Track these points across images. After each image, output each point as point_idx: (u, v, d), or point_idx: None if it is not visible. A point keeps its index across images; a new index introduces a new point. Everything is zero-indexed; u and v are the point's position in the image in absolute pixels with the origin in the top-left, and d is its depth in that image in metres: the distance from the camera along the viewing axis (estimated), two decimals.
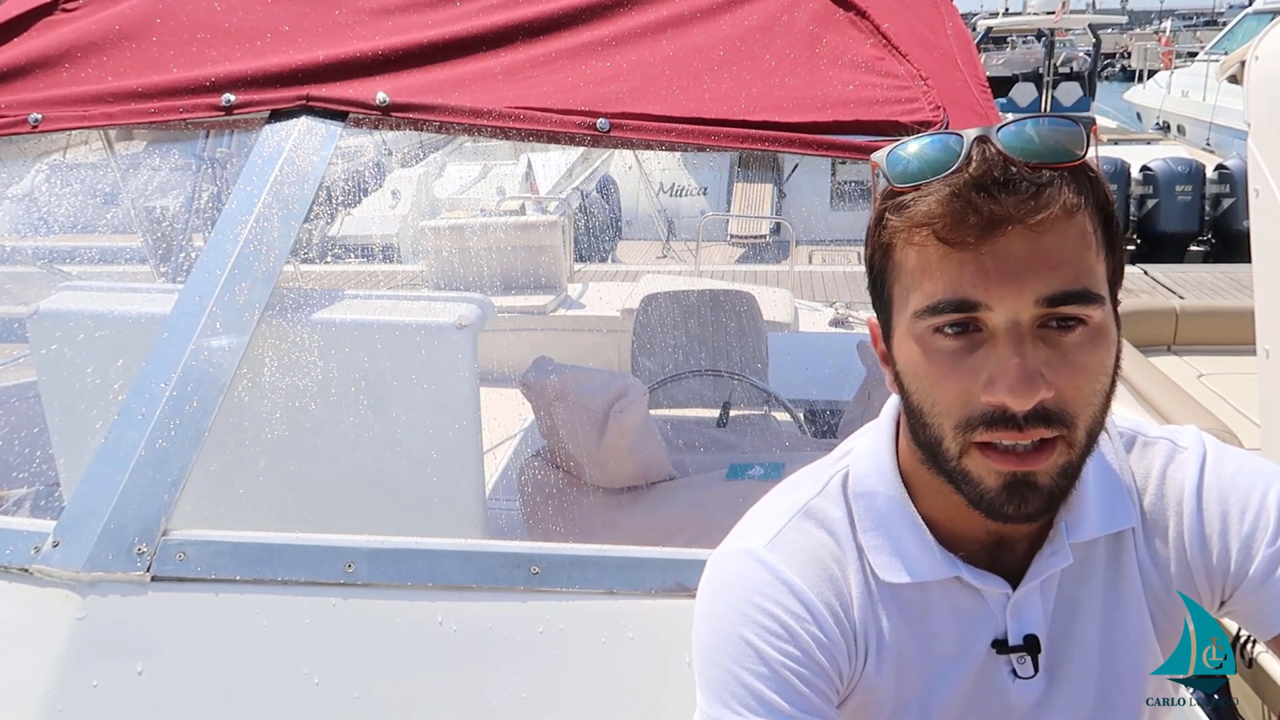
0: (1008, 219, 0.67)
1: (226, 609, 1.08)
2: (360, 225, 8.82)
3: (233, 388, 1.20)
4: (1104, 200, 0.72)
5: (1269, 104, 1.64)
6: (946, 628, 0.82)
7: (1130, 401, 2.75)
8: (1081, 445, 0.73)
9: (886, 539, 0.82)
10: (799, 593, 0.80)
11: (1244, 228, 9.59)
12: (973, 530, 0.81)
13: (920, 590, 0.82)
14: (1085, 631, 0.83)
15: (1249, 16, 16.60)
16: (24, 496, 2.05)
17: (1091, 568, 0.83)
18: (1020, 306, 0.68)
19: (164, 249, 2.98)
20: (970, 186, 0.68)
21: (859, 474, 0.85)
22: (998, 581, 0.81)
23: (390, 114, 1.36)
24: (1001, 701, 0.83)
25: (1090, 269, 0.70)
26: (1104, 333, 0.71)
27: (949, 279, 0.69)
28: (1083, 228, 0.70)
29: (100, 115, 1.41)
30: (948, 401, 0.72)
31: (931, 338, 0.72)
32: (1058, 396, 0.69)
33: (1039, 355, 0.69)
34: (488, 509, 1.59)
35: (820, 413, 2.97)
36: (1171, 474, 0.84)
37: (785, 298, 4.49)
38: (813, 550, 0.83)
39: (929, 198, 0.70)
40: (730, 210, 11.29)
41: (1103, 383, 0.72)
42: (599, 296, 4.98)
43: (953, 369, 0.71)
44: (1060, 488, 0.73)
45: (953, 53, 1.40)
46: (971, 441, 0.72)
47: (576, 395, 1.78)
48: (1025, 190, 0.67)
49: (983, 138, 0.69)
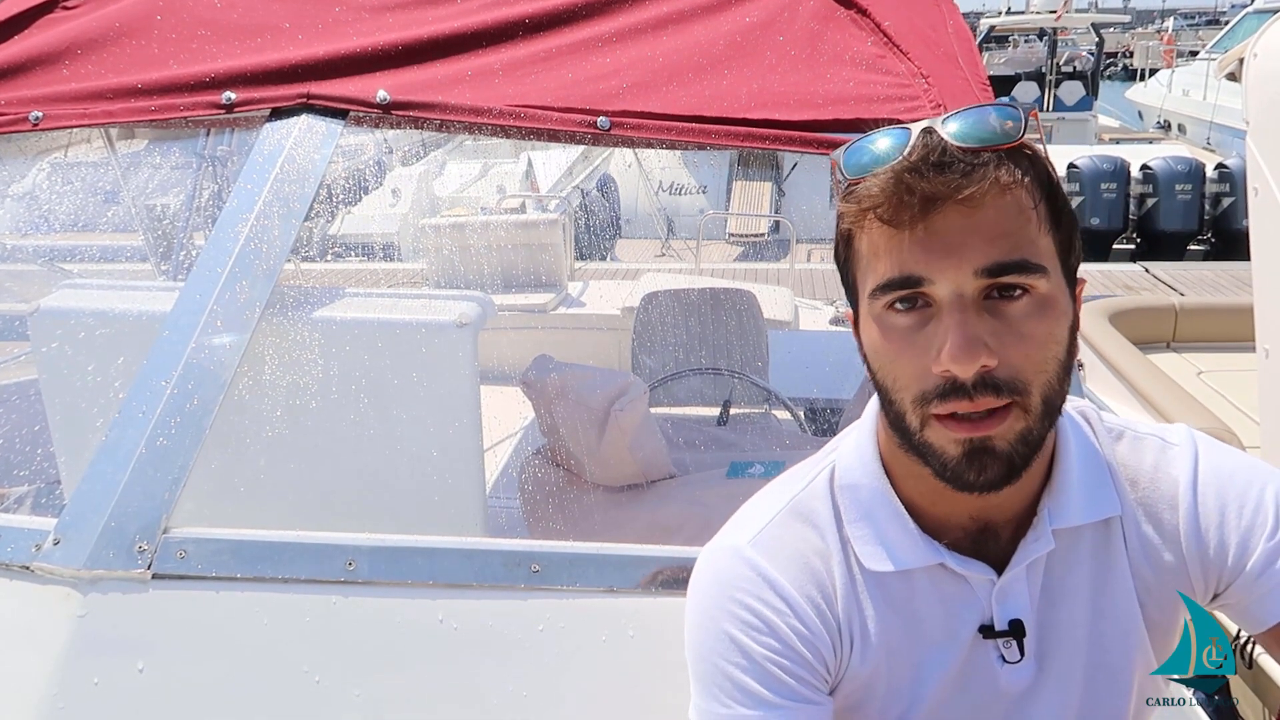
0: (941, 196, 0.72)
1: (227, 607, 1.08)
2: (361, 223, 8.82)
3: (233, 386, 1.20)
4: (1045, 178, 0.76)
5: (1267, 101, 1.64)
6: (932, 614, 0.84)
7: (1129, 399, 2.75)
8: (1038, 412, 0.75)
9: (871, 529, 0.84)
10: (779, 587, 0.83)
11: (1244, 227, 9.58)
12: (956, 516, 0.83)
13: (905, 578, 0.84)
14: (1073, 618, 0.84)
15: (1250, 15, 16.58)
16: (25, 494, 2.05)
17: (1078, 556, 0.84)
18: (961, 278, 0.72)
19: (165, 247, 2.98)
20: (907, 170, 0.72)
21: (844, 468, 0.88)
22: (982, 568, 0.83)
23: (390, 112, 1.36)
24: (991, 687, 0.84)
25: (1030, 241, 0.74)
26: (1051, 302, 0.74)
27: (895, 258, 0.74)
28: (1020, 203, 0.73)
29: (101, 113, 1.41)
30: (906, 376, 0.76)
31: (886, 315, 0.76)
32: (1005, 364, 0.73)
33: (984, 325, 0.72)
34: (488, 507, 1.59)
35: (820, 411, 2.97)
36: (1164, 468, 0.85)
37: (785, 296, 4.49)
38: (796, 545, 0.85)
39: (873, 184, 0.74)
40: (730, 208, 11.29)
41: (1054, 351, 0.75)
42: (599, 295, 4.98)
43: (908, 345, 0.75)
44: (1020, 454, 0.76)
45: (953, 51, 1.40)
46: (930, 414, 0.75)
47: (577, 393, 1.78)
48: (959, 170, 0.72)
49: (928, 129, 0.74)
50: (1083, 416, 0.89)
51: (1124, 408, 2.69)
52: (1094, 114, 16.79)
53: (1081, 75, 17.14)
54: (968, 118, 0.74)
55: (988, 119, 0.74)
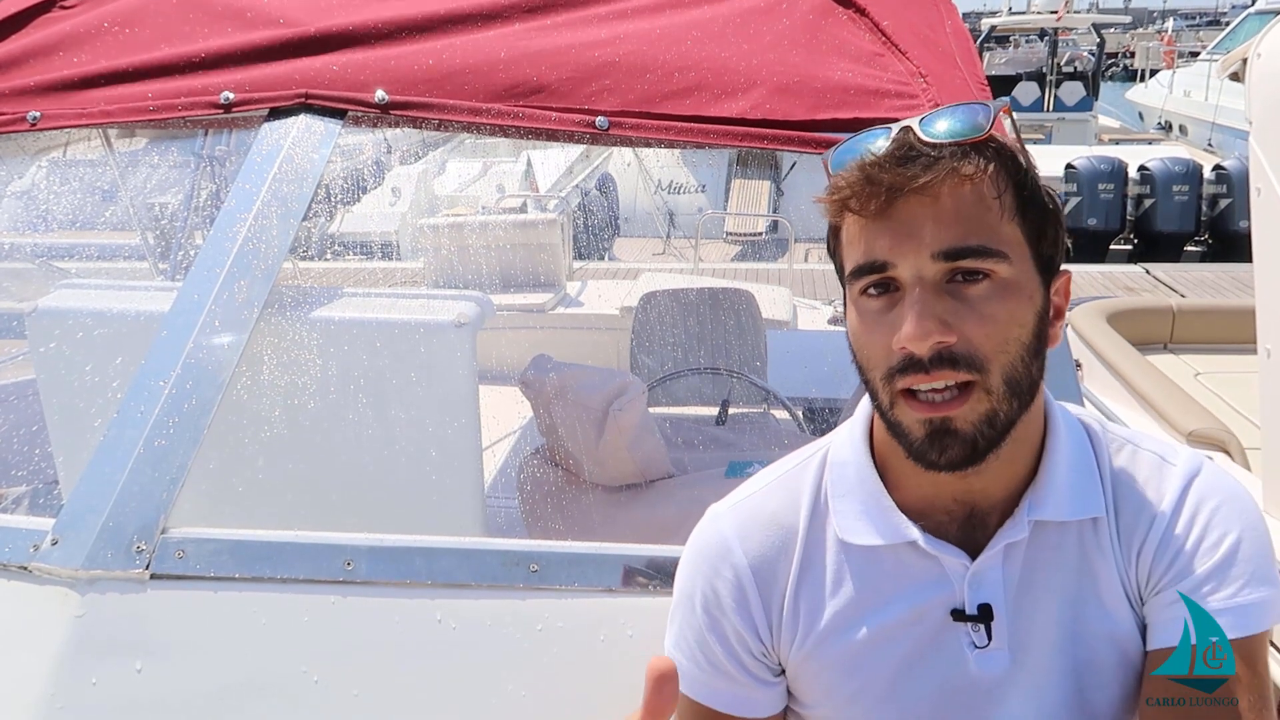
0: (901, 186, 0.77)
1: (225, 607, 1.08)
2: (360, 222, 8.82)
3: (231, 385, 1.20)
4: (1013, 169, 0.80)
5: (1271, 101, 1.63)
6: (900, 591, 0.87)
7: (1126, 399, 2.74)
8: (1000, 392, 0.78)
9: (852, 504, 0.89)
10: (732, 555, 0.90)
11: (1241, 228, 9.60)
12: (940, 498, 0.85)
13: (877, 553, 0.87)
14: (1052, 613, 0.85)
15: (1251, 16, 16.61)
16: (23, 494, 2.05)
17: (1062, 554, 0.85)
18: (920, 262, 0.77)
19: (163, 247, 2.98)
20: (874, 165, 0.78)
21: (837, 447, 0.93)
22: (955, 552, 0.85)
23: (389, 112, 1.36)
24: (962, 672, 0.86)
25: (990, 228, 0.78)
26: (1013, 286, 0.78)
27: (865, 245, 0.80)
28: (980, 192, 0.78)
29: (99, 113, 1.41)
30: (876, 355, 0.81)
31: (861, 300, 0.82)
32: (963, 341, 0.77)
33: (943, 305, 0.77)
34: (487, 507, 1.59)
35: (819, 411, 2.97)
36: (1154, 483, 0.87)
37: (784, 296, 4.50)
38: (770, 515, 0.92)
39: (845, 178, 0.80)
40: (728, 207, 11.30)
41: (1015, 333, 0.79)
42: (598, 294, 4.98)
43: (877, 325, 0.80)
44: (985, 436, 0.79)
45: (952, 51, 1.40)
46: (896, 390, 0.80)
47: (575, 393, 1.78)
48: (921, 163, 0.77)
49: (906, 127, 0.79)
50: (1084, 424, 0.90)
51: (1122, 408, 2.69)
52: (1094, 114, 16.81)
53: (1082, 75, 17.16)
54: (940, 115, 0.80)
55: (958, 115, 0.79)
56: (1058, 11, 17.66)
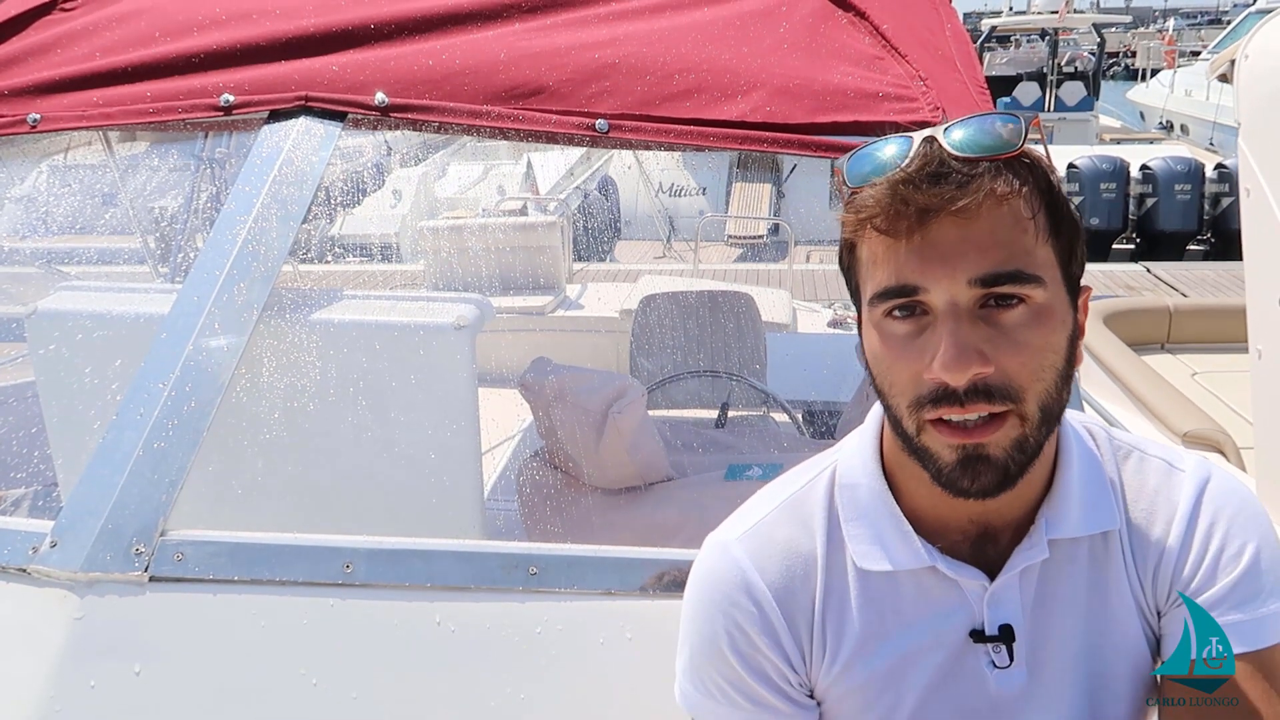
0: (936, 208, 0.73)
1: (224, 609, 1.08)
2: (361, 224, 8.84)
3: (231, 388, 1.20)
4: (1045, 186, 0.76)
5: (1259, 102, 1.63)
6: (921, 616, 0.85)
7: (1123, 400, 2.74)
8: (1035, 420, 0.76)
9: (866, 529, 0.85)
10: (754, 590, 0.86)
11: None
12: (955, 520, 0.83)
13: (896, 578, 0.85)
14: (1067, 629, 0.84)
15: (1252, 15, 16.57)
16: (22, 496, 2.05)
17: (1076, 568, 0.84)
18: (955, 288, 0.73)
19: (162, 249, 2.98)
20: (904, 182, 0.73)
21: (845, 468, 0.89)
22: (974, 573, 0.83)
23: (389, 114, 1.36)
24: (982, 692, 0.85)
25: (1026, 251, 0.74)
26: (1048, 312, 0.75)
27: (892, 267, 0.75)
28: (1016, 213, 0.74)
29: (99, 115, 1.41)
30: (902, 382, 0.77)
31: (885, 322, 0.77)
32: (999, 372, 0.73)
33: (979, 333, 0.73)
34: (486, 509, 1.59)
35: (818, 414, 2.97)
36: (1165, 491, 0.86)
37: (784, 298, 4.49)
38: (785, 542, 0.87)
39: (872, 195, 0.75)
40: (729, 210, 11.29)
41: (1051, 359, 0.75)
42: (598, 297, 4.98)
43: (904, 351, 0.76)
44: (1016, 462, 0.76)
45: (951, 54, 1.40)
46: (925, 419, 0.76)
47: (575, 396, 1.78)
48: (954, 181, 0.72)
49: (930, 138, 0.75)
50: (1089, 432, 0.89)
51: (1118, 410, 2.69)
52: (1095, 114, 16.80)
53: (1083, 75, 17.14)
54: (969, 126, 0.75)
55: (988, 128, 0.75)
56: (1058, 11, 17.64)
